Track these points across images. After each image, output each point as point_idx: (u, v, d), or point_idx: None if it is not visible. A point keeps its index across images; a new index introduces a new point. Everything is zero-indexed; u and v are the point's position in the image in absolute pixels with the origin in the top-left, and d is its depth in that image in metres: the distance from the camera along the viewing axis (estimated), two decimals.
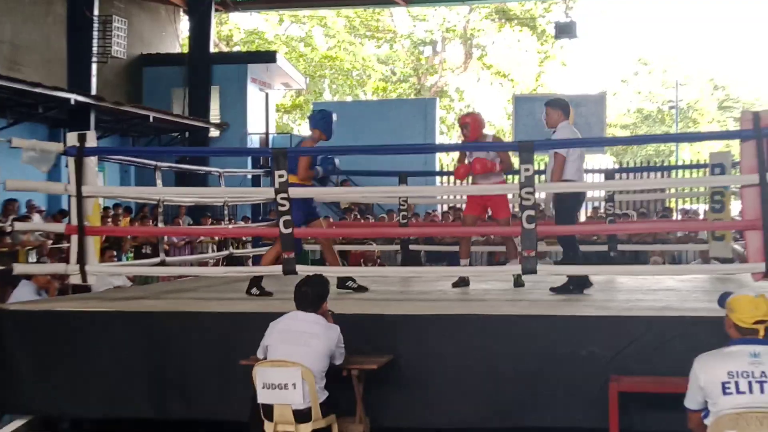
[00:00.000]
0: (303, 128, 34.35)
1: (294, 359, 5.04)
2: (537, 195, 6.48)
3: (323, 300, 5.43)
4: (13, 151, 6.90)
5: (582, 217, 12.66)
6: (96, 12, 18.52)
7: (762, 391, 3.88)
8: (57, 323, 6.53)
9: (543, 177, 7.74)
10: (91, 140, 7.22)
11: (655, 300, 6.90)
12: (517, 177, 6.62)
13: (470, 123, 7.91)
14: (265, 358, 5.25)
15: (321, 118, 7.86)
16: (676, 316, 5.82)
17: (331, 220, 11.49)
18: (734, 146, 16.43)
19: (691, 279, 8.70)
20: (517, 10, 33.19)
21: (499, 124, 36.42)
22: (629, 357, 5.59)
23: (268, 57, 24.50)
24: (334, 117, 7.89)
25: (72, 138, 7.12)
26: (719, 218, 8.68)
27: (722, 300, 4.30)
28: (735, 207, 10.41)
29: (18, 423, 6.51)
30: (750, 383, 3.91)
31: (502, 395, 5.76)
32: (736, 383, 3.92)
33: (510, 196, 8.30)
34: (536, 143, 6.51)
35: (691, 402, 4.15)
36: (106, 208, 14.42)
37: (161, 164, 9.55)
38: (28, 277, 7.96)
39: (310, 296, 5.36)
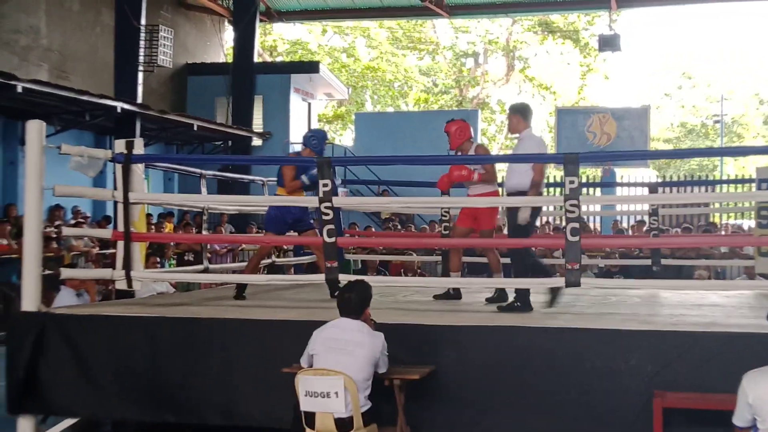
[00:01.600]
0: (345, 138, 34.47)
1: (338, 367, 5.07)
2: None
3: (366, 306, 5.46)
4: (59, 158, 6.99)
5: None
6: (143, 22, 18.75)
7: None
8: (103, 327, 6.60)
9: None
10: (139, 147, 7.31)
11: (699, 315, 6.81)
12: (559, 189, 6.58)
13: (451, 132, 7.83)
14: (310, 366, 5.27)
15: (311, 136, 8.19)
16: (722, 332, 5.73)
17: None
18: None
19: (735, 295, 8.58)
20: (560, 22, 33.09)
21: (540, 136, 36.26)
22: (674, 372, 5.53)
23: (311, 67, 24.66)
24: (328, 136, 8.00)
25: (120, 145, 7.20)
26: (766, 234, 8.55)
27: None
28: None
29: (63, 425, 6.59)
30: None
31: (544, 409, 5.72)
32: None
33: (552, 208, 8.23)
34: (581, 155, 6.48)
35: (739, 419, 4.09)
36: (149, 215, 14.57)
37: (206, 172, 9.63)
38: (63, 281, 8.05)
39: (353, 302, 5.39)
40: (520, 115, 7.45)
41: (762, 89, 43.08)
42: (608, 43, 21.75)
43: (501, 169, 9.69)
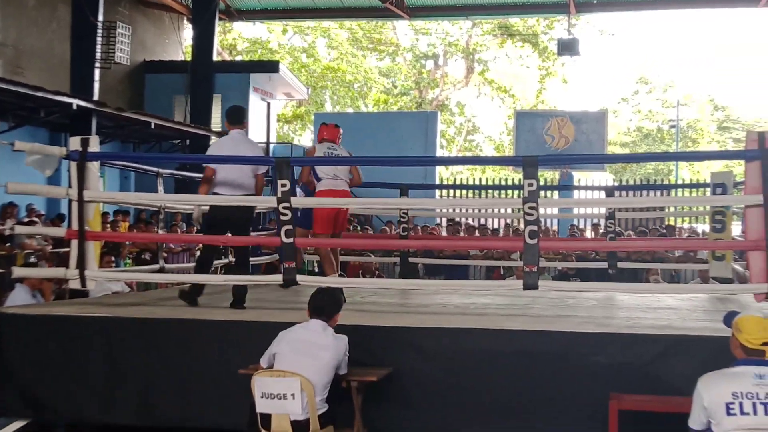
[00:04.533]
0: (304, 139, 34.38)
1: (301, 369, 5.04)
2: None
3: (336, 311, 5.45)
4: (13, 155, 6.88)
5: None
6: (100, 18, 18.48)
7: (766, 412, 3.85)
8: (55, 327, 6.50)
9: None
10: (94, 145, 7.21)
11: (655, 318, 6.87)
12: (517, 192, 6.60)
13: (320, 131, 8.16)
14: (270, 366, 5.23)
15: None
16: (677, 335, 5.79)
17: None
18: (734, 167, 16.44)
19: (691, 298, 8.67)
20: (519, 26, 33.30)
21: (498, 139, 36.49)
22: (630, 375, 5.56)
23: (271, 67, 24.54)
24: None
25: (75, 142, 7.10)
26: (720, 238, 8.65)
27: (728, 319, 4.27)
28: (735, 227, 10.38)
29: (15, 426, 6.47)
30: (754, 404, 3.87)
31: (500, 409, 5.73)
32: (740, 404, 3.89)
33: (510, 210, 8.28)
34: (540, 158, 6.51)
35: (694, 422, 4.11)
36: (104, 213, 14.38)
37: (163, 171, 9.53)
38: (20, 279, 7.93)
39: (325, 305, 5.37)
40: (227, 118, 7.70)
41: (717, 95, 43.76)
42: (567, 47, 21.91)
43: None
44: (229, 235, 7.39)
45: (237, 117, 7.66)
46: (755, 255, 6.18)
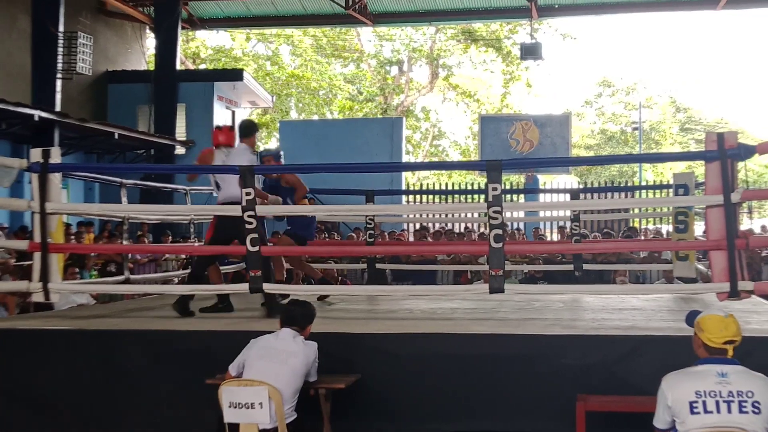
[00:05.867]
0: (270, 146, 34.25)
1: (269, 376, 5.03)
2: None
3: (309, 323, 5.44)
4: None
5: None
6: (61, 28, 18.34)
7: (729, 410, 3.89)
8: (18, 342, 6.42)
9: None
10: (56, 156, 7.15)
11: (621, 319, 6.93)
12: (482, 196, 6.63)
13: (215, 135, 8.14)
14: (240, 374, 5.21)
15: (280, 153, 8.88)
16: (642, 335, 5.85)
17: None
18: (697, 167, 16.63)
19: (655, 298, 8.76)
20: (482, 31, 33.43)
21: (464, 143, 36.62)
22: (596, 376, 5.61)
23: (235, 75, 24.43)
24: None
25: (36, 154, 7.04)
26: (683, 238, 8.74)
27: (690, 319, 4.31)
28: (698, 227, 10.50)
29: None
30: (717, 403, 3.91)
31: (469, 414, 5.75)
32: (704, 403, 3.92)
33: (476, 215, 8.31)
34: (504, 162, 6.55)
35: (659, 421, 4.14)
36: (68, 225, 14.25)
37: (127, 181, 9.47)
38: None
39: (297, 316, 5.37)
40: (239, 132, 8.07)
41: (678, 97, 44.20)
42: (530, 51, 22.07)
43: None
44: (197, 244, 7.37)
45: (244, 131, 8.07)
46: (717, 254, 6.25)
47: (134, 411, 6.17)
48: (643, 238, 15.47)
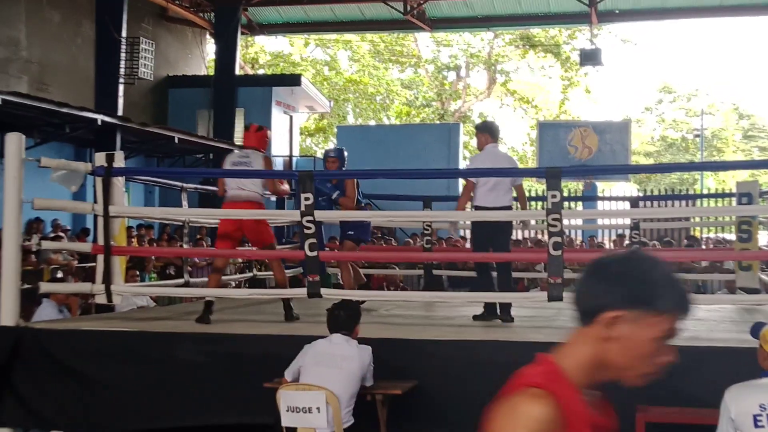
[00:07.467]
0: (329, 147, 34.40)
1: (327, 381, 5.05)
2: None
3: (356, 323, 5.45)
4: (39, 171, 6.93)
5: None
6: (124, 34, 18.68)
7: None
8: (82, 342, 6.53)
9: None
10: (119, 160, 7.27)
11: (683, 329, 6.80)
12: (540, 203, 6.58)
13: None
14: (296, 380, 5.24)
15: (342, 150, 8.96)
16: (705, 347, 5.74)
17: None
18: (760, 176, 16.31)
19: (717, 309, 8.59)
20: (541, 36, 33.24)
21: (521, 150, 36.42)
22: (657, 387, 5.50)
23: (293, 80, 24.64)
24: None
25: (100, 158, 7.16)
26: (747, 248, 8.59)
27: (755, 331, 4.23)
28: (762, 237, 10.31)
29: None
30: None
31: None
32: None
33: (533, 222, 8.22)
34: (564, 170, 6.50)
35: None
36: (129, 228, 14.47)
37: (187, 185, 9.58)
38: (47, 294, 7.98)
39: (343, 319, 5.38)
40: (489, 134, 7.78)
41: (741, 103, 43.47)
42: (589, 57, 21.87)
43: None
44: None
45: (493, 132, 7.84)
46: None
47: (192, 413, 6.23)
48: (704, 247, 15.22)
